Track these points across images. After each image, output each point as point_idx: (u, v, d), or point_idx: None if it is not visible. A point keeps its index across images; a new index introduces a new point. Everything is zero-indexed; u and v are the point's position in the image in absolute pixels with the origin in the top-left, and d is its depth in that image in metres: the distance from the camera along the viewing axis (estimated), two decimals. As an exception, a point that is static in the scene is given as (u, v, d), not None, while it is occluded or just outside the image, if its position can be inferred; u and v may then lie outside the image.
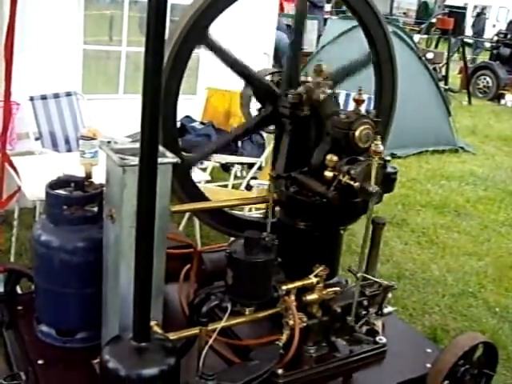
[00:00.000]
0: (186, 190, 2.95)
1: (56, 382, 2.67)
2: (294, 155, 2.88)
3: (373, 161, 2.47)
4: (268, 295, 2.56)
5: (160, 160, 2.13)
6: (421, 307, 4.33)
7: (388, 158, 2.75)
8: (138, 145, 1.99)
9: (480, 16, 24.19)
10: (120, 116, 5.72)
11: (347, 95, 6.54)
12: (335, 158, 2.56)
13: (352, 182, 2.49)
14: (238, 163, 5.39)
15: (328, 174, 2.57)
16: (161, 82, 1.93)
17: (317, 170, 2.65)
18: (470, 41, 21.06)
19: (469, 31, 22.10)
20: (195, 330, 2.51)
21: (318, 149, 2.69)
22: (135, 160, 2.21)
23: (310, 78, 2.93)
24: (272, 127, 3.14)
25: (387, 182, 2.70)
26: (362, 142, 2.54)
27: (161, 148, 2.38)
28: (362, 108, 2.67)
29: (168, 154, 2.47)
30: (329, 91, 2.72)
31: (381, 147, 2.47)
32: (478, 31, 23.58)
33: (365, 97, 2.70)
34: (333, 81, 2.93)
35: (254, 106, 3.26)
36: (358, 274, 2.68)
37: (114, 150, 2.46)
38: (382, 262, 4.82)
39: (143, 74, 1.88)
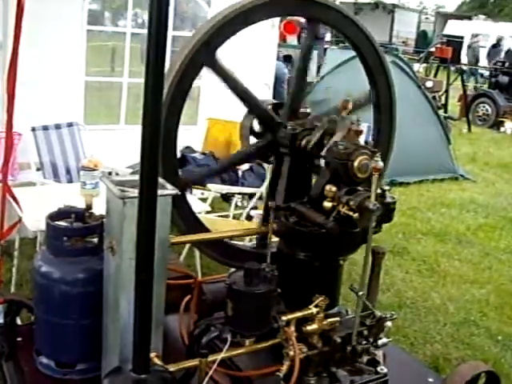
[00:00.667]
0: (186, 221, 2.97)
1: (55, 415, 2.66)
2: (293, 186, 2.90)
3: (373, 177, 2.48)
4: (268, 326, 2.56)
5: (160, 192, 2.15)
6: (422, 336, 4.31)
7: (387, 187, 2.76)
8: (137, 177, 2.01)
9: (496, 47, 24.23)
10: (121, 146, 5.76)
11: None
12: (334, 189, 2.57)
13: (351, 213, 2.51)
14: (238, 193, 5.41)
15: (327, 204, 2.58)
16: (161, 113, 1.95)
17: (316, 201, 2.66)
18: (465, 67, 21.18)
19: (465, 60, 22.18)
20: (195, 362, 2.51)
21: (317, 179, 2.71)
22: (135, 192, 2.22)
23: (308, 110, 2.97)
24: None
25: (386, 211, 2.72)
26: (360, 172, 2.56)
27: (160, 180, 2.40)
28: (361, 138, 2.69)
29: (168, 185, 2.49)
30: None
31: (381, 163, 2.49)
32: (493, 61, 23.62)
33: (364, 125, 2.72)
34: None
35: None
36: (360, 293, 2.68)
37: (114, 182, 2.48)
38: (382, 290, 4.81)
39: (143, 105, 1.90)
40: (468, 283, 5.43)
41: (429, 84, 13.27)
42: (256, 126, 3.16)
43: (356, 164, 2.56)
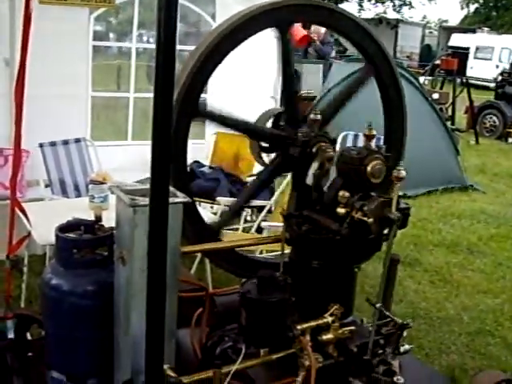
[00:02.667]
0: (198, 232, 2.93)
1: (67, 430, 2.62)
2: (305, 194, 2.86)
3: (394, 187, 2.45)
4: (282, 335, 2.51)
5: (171, 200, 2.12)
6: (437, 346, 4.24)
7: (400, 192, 2.72)
8: (148, 186, 1.98)
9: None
10: (129, 162, 5.75)
11: (355, 136, 6.56)
12: (347, 194, 2.54)
13: (365, 218, 2.47)
14: (247, 207, 5.37)
15: (340, 210, 2.54)
16: (171, 114, 1.92)
17: (329, 207, 2.62)
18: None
19: (470, 72, 22.14)
20: (209, 373, 2.46)
21: (329, 185, 2.67)
22: (145, 200, 2.20)
23: (318, 117, 2.93)
24: None
25: (401, 217, 2.68)
26: (374, 177, 2.53)
27: (171, 188, 2.37)
28: (373, 143, 2.66)
29: (179, 193, 2.46)
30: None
31: (403, 173, 2.45)
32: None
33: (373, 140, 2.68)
34: (324, 118, 2.95)
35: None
36: (377, 305, 2.63)
37: (125, 190, 2.46)
38: (395, 301, 4.74)
39: (153, 107, 1.87)
40: (482, 293, 5.36)
41: (435, 96, 13.23)
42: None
43: (369, 169, 2.53)
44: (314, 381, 2.55)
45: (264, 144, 3.06)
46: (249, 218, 5.61)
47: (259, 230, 4.96)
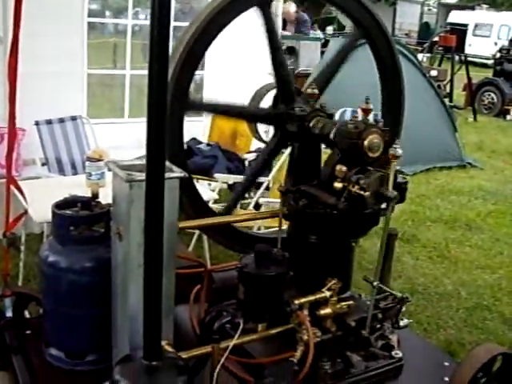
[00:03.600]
0: (194, 206, 2.92)
1: (66, 406, 2.62)
2: (302, 169, 2.85)
3: (391, 165, 2.43)
4: (280, 310, 2.51)
5: (167, 175, 2.10)
6: (435, 322, 4.26)
7: (397, 167, 2.71)
8: (144, 161, 1.96)
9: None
10: (126, 140, 5.71)
11: (353, 112, 6.52)
12: (344, 169, 2.52)
13: (362, 192, 2.45)
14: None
15: (338, 185, 2.53)
16: (166, 91, 1.90)
17: (326, 182, 2.61)
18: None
19: (468, 49, 22.03)
20: (207, 349, 2.46)
21: (326, 160, 2.65)
22: (142, 175, 2.18)
23: (315, 91, 2.91)
24: None
25: (398, 192, 2.66)
26: (371, 151, 2.51)
27: (167, 163, 2.35)
28: (370, 117, 2.64)
29: (175, 168, 2.44)
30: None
31: (399, 151, 2.43)
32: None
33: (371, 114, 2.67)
34: (318, 87, 2.93)
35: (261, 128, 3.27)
36: (374, 283, 2.63)
37: (121, 166, 2.44)
38: (393, 277, 4.74)
39: (148, 81, 1.85)
40: (479, 269, 5.37)
41: (433, 73, 13.18)
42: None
43: (366, 143, 2.51)
44: (312, 355, 2.55)
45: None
46: (246, 195, 5.59)
47: (257, 206, 4.95)
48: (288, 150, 3.31)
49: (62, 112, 5.48)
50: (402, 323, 2.89)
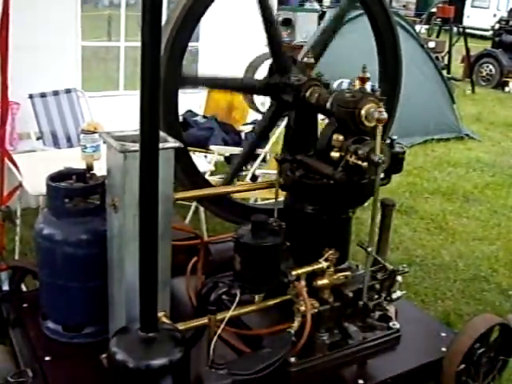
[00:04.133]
0: (190, 177, 2.90)
1: (64, 379, 2.62)
2: (299, 139, 2.82)
3: (377, 129, 2.40)
4: (277, 280, 2.50)
5: (161, 145, 2.08)
6: (433, 293, 4.25)
7: (394, 136, 2.68)
8: (138, 131, 1.93)
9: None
10: (122, 113, 5.66)
11: (350, 83, 6.46)
12: (341, 138, 2.49)
13: (360, 162, 2.43)
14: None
15: (334, 154, 2.51)
16: (159, 61, 1.87)
17: (323, 152, 2.58)
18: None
19: (466, 21, 21.81)
20: (204, 320, 2.46)
21: (323, 129, 2.62)
22: (136, 146, 2.15)
23: (312, 60, 2.88)
24: None
25: (395, 161, 2.64)
26: (368, 120, 2.47)
27: (162, 133, 2.33)
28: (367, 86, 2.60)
29: (169, 139, 2.41)
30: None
31: (384, 115, 2.40)
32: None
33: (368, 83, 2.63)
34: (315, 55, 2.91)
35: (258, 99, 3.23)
36: (369, 249, 2.61)
37: (115, 137, 2.42)
38: (391, 249, 4.74)
39: (141, 53, 1.82)
40: (477, 240, 5.36)
41: (431, 44, 13.06)
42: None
43: (363, 112, 2.47)
44: (309, 326, 2.55)
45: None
46: (243, 167, 5.56)
47: (254, 178, 4.92)
48: (284, 122, 3.28)
49: (56, 86, 5.42)
50: (394, 295, 2.87)
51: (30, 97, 5.19)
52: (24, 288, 3.36)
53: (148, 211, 1.98)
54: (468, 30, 16.01)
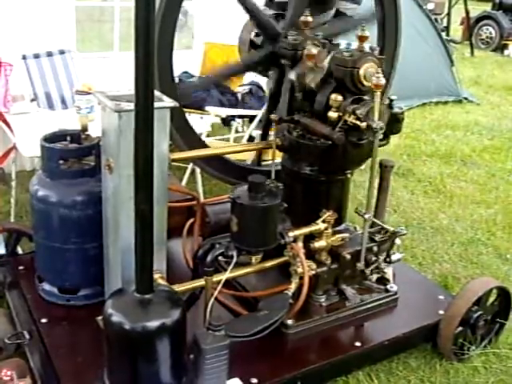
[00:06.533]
0: (185, 137, 2.86)
1: (60, 340, 2.62)
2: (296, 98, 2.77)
3: (375, 95, 2.36)
4: (274, 241, 2.47)
5: (156, 104, 2.03)
6: (430, 256, 4.24)
7: (394, 97, 2.63)
8: (133, 91, 1.89)
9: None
10: (116, 74, 5.57)
11: (348, 45, 6.38)
12: (340, 98, 2.45)
13: (358, 122, 2.39)
14: (238, 116, 5.26)
15: (332, 114, 2.46)
16: (153, 19, 1.83)
17: (321, 112, 2.54)
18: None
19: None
20: (201, 282, 2.44)
21: (321, 89, 2.56)
22: (131, 105, 2.10)
23: (310, 18, 2.82)
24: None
25: (394, 122, 2.61)
26: (366, 79, 2.43)
27: (157, 93, 2.28)
28: (366, 45, 2.55)
29: (165, 98, 2.37)
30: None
31: (382, 80, 2.35)
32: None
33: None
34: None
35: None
36: (366, 216, 2.59)
37: (109, 96, 2.37)
38: (389, 211, 4.73)
39: (134, 11, 1.77)
40: (475, 203, 5.34)
41: (430, 6, 12.94)
42: (256, 39, 3.03)
43: (362, 71, 2.43)
44: (306, 288, 2.54)
45: (254, 38, 2.98)
46: (240, 129, 5.51)
47: (251, 139, 4.87)
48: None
49: (50, 47, 5.32)
50: (393, 257, 2.86)
51: (24, 58, 5.10)
52: (20, 251, 3.34)
53: (143, 171, 1.95)
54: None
